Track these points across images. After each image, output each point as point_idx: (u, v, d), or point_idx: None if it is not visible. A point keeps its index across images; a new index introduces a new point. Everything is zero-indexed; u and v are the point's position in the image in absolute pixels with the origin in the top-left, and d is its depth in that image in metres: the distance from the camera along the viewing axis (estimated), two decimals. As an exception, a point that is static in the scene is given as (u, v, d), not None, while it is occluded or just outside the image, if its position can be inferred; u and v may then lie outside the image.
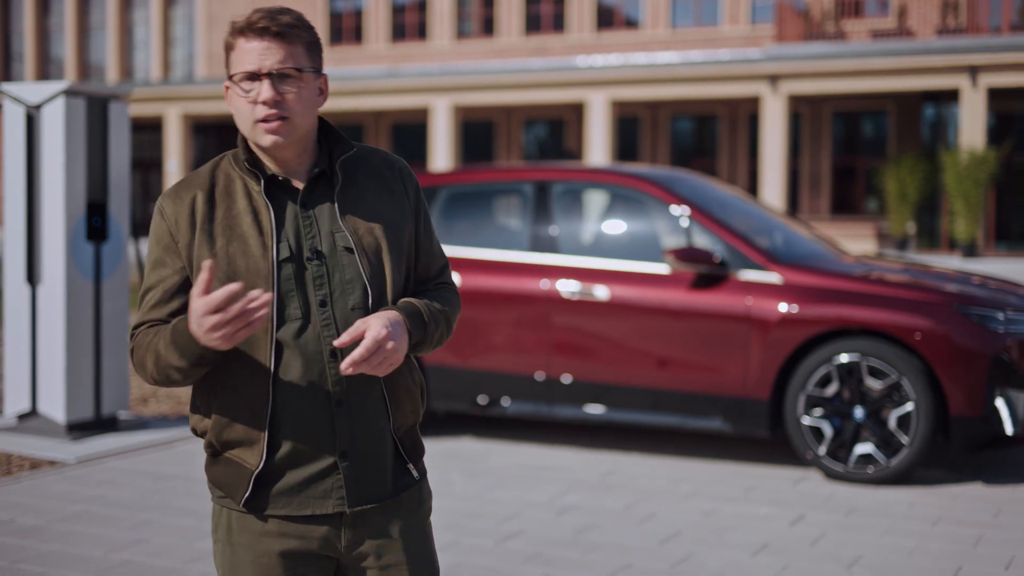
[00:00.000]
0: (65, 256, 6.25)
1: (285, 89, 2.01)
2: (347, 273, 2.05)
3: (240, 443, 2.04)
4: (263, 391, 2.01)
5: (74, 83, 6.30)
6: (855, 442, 5.71)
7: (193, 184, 2.08)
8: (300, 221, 2.05)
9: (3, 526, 4.80)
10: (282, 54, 2.01)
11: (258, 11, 2.03)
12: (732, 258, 6.05)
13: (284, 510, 2.04)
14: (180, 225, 2.04)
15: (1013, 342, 5.67)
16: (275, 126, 2.01)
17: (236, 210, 2.05)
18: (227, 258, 2.01)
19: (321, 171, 2.09)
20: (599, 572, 4.34)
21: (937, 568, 4.41)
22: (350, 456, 2.05)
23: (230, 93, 2.08)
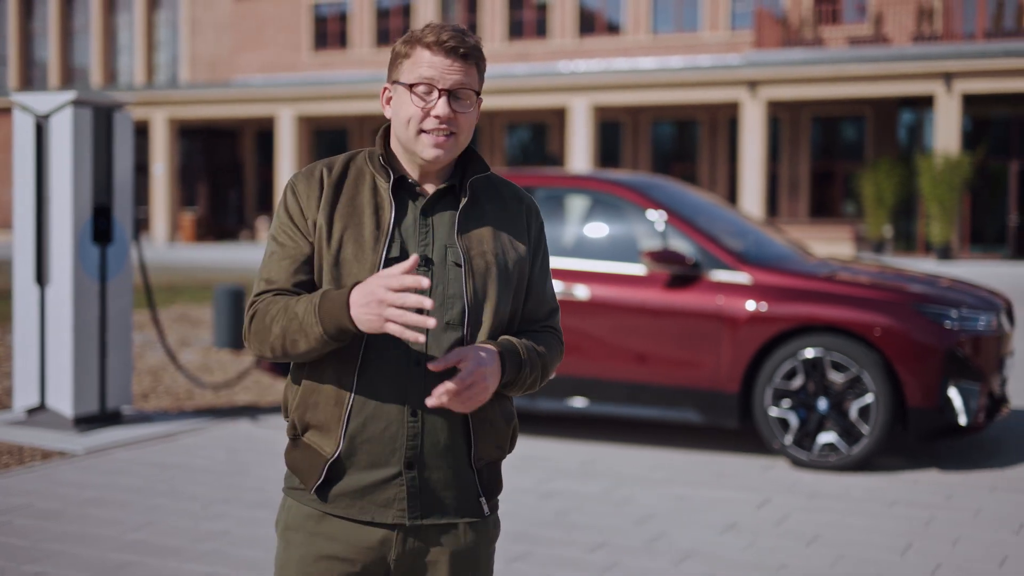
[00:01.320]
0: (72, 257, 6.57)
1: (458, 108, 2.05)
2: (451, 288, 2.04)
3: (319, 427, 2.06)
4: (347, 382, 2.03)
5: (81, 93, 6.63)
6: (819, 432, 6.09)
7: (324, 168, 2.12)
8: (418, 227, 2.07)
9: (22, 510, 5.13)
10: (462, 75, 2.05)
11: (445, 28, 2.06)
12: (704, 259, 6.44)
13: (346, 512, 2.05)
14: (310, 203, 2.08)
15: (966, 338, 6.08)
16: (442, 140, 2.05)
17: (360, 200, 2.08)
18: (339, 243, 2.05)
19: (451, 185, 2.12)
20: (578, 549, 4.70)
21: (889, 545, 4.80)
22: (415, 468, 2.04)
23: (393, 95, 2.09)
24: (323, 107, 33.06)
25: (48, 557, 4.46)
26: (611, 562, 4.54)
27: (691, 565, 4.51)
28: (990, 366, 6.17)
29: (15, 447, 6.31)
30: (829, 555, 4.65)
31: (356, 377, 2.02)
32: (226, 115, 35.03)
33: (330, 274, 2.05)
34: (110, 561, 4.42)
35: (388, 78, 2.13)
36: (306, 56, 37.64)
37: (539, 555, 4.60)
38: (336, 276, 2.04)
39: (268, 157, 37.95)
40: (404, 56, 2.07)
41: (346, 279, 2.03)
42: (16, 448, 6.29)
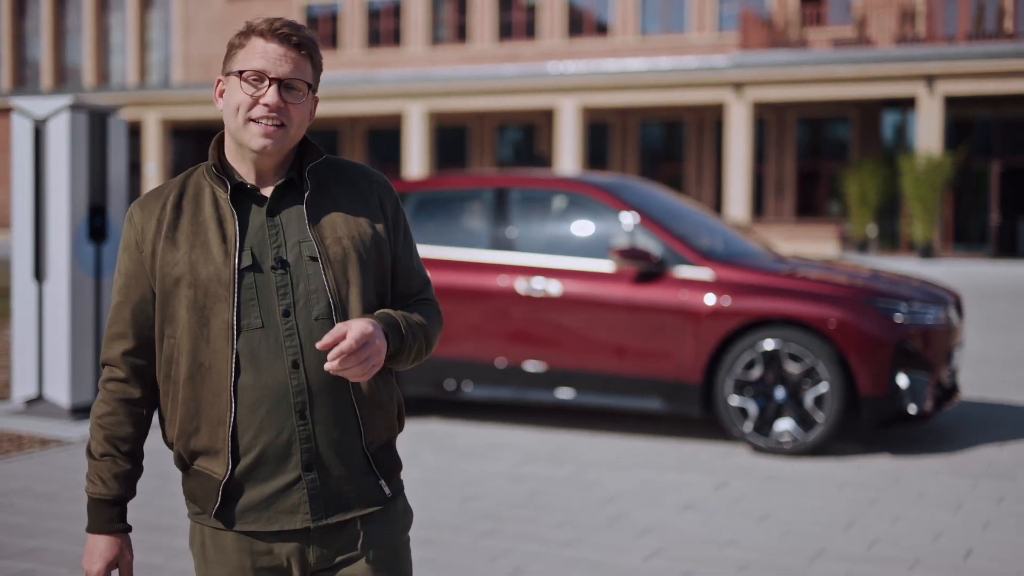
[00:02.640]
0: (69, 255, 6.90)
1: (289, 99, 2.03)
2: (312, 283, 2.03)
3: (206, 452, 2.04)
4: (225, 400, 2.00)
5: (77, 98, 6.95)
6: (776, 419, 6.45)
7: (163, 192, 2.09)
8: (266, 230, 2.04)
9: (22, 492, 5.46)
10: (295, 65, 2.02)
11: (278, 19, 2.05)
12: (669, 256, 6.79)
13: (253, 525, 2.03)
14: (146, 233, 2.06)
15: (915, 331, 6.43)
16: (271, 130, 2.01)
17: (202, 217, 2.04)
18: (190, 264, 2.02)
19: (290, 179, 2.08)
20: (544, 526, 5.05)
21: (833, 522, 5.15)
22: (314, 469, 2.02)
23: (226, 87, 2.06)
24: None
25: (47, 534, 4.79)
26: (574, 538, 4.88)
27: (648, 540, 4.85)
28: (939, 357, 6.53)
29: (14, 435, 6.63)
30: (777, 531, 5.00)
31: (233, 394, 1.99)
32: (218, 115, 35.27)
33: (189, 296, 2.02)
34: (106, 537, 4.75)
35: (222, 71, 2.09)
36: (297, 57, 37.92)
37: (507, 531, 4.95)
38: (193, 297, 2.02)
39: (260, 157, 38.22)
40: (239, 47, 2.04)
41: (204, 299, 2.01)
42: (15, 436, 6.61)
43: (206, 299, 2.00)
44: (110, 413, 2.09)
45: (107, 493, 2.09)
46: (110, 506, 2.11)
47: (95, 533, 2.11)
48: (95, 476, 2.10)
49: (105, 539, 2.11)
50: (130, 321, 2.08)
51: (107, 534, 2.11)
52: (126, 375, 2.09)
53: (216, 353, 2.00)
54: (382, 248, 2.11)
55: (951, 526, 5.09)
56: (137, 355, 2.09)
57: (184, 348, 2.02)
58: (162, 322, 2.05)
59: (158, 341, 2.07)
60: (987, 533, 4.98)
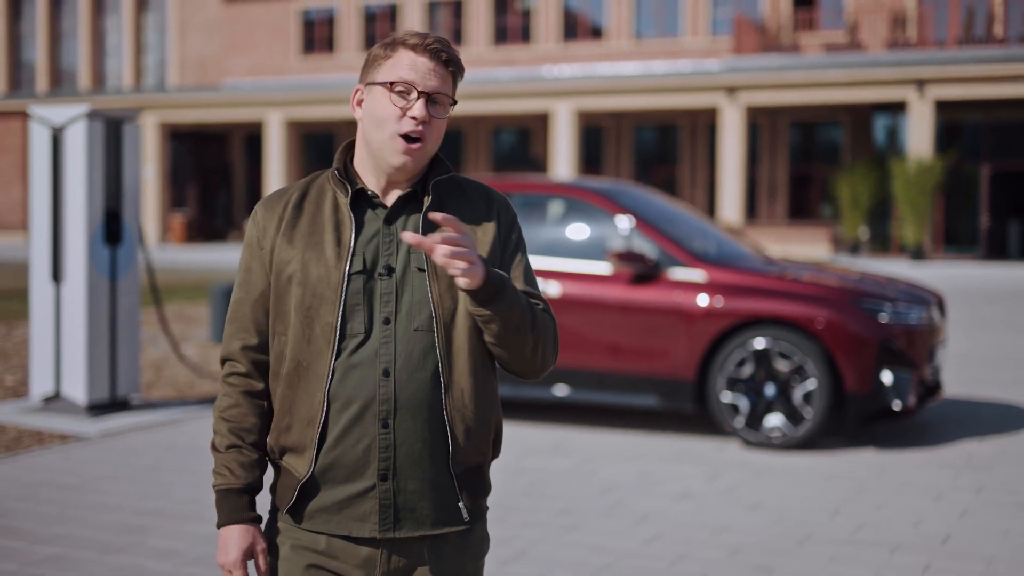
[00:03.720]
0: (86, 257, 7.16)
1: (434, 113, 2.03)
2: (416, 294, 2.02)
3: (293, 450, 2.06)
4: (318, 401, 2.01)
5: (94, 107, 7.21)
6: (767, 415, 6.73)
7: (287, 192, 2.13)
8: (381, 237, 2.05)
9: (46, 484, 5.72)
10: (442, 80, 2.04)
11: (428, 34, 2.06)
12: (664, 259, 7.06)
13: (324, 527, 2.04)
14: (268, 230, 2.09)
15: (899, 330, 6.72)
16: (413, 148, 2.03)
17: (321, 219, 2.07)
18: (302, 264, 2.04)
19: (413, 190, 2.09)
20: (546, 514, 5.32)
21: (821, 510, 5.43)
22: (390, 480, 2.01)
23: (366, 96, 2.07)
24: (311, 111, 33.63)
25: (73, 521, 5.05)
26: (574, 524, 5.16)
27: (645, 526, 5.13)
28: (922, 356, 6.82)
29: (35, 431, 6.89)
30: (768, 518, 5.28)
31: (326, 395, 2.01)
32: (215, 119, 35.56)
33: (298, 295, 2.04)
34: (128, 524, 5.02)
35: (361, 80, 2.10)
36: (294, 60, 38.19)
37: (511, 519, 5.22)
38: (302, 296, 2.04)
39: (256, 160, 38.51)
40: (384, 58, 2.05)
41: (311, 300, 2.03)
42: (36, 432, 6.87)
43: (313, 299, 2.02)
44: (234, 405, 2.11)
45: (236, 482, 2.09)
46: (239, 495, 2.09)
47: (227, 524, 2.09)
48: (223, 468, 2.09)
49: (238, 528, 2.08)
50: (250, 316, 2.11)
51: (239, 523, 2.08)
52: (247, 369, 2.11)
53: (316, 354, 2.01)
54: (490, 262, 2.06)
55: (931, 514, 5.37)
56: (257, 350, 2.11)
57: (289, 346, 2.05)
58: (275, 319, 2.08)
59: (271, 337, 2.09)
60: (965, 520, 5.26)
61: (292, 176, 34.76)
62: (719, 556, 4.71)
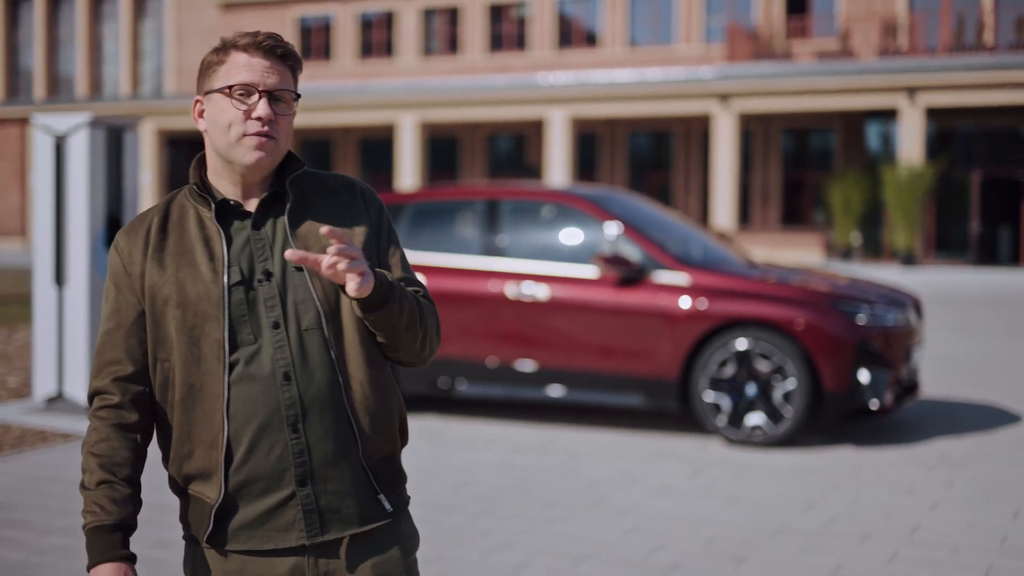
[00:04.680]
0: (88, 261, 7.38)
1: (279, 111, 2.02)
2: (299, 293, 2.00)
3: (199, 476, 2.00)
4: (217, 421, 1.96)
5: (96, 115, 7.43)
6: (748, 413, 6.95)
7: (147, 217, 2.07)
8: (253, 244, 2.02)
9: (51, 479, 5.93)
10: (281, 76, 2.02)
11: (257, 32, 2.04)
12: (649, 263, 7.29)
13: (247, 544, 1.98)
14: (134, 257, 2.04)
15: (876, 331, 6.95)
16: (264, 143, 1.99)
17: (188, 238, 2.03)
18: (177, 285, 2.00)
19: (274, 192, 2.06)
20: (531, 507, 5.54)
21: (796, 504, 5.65)
22: (309, 484, 1.98)
23: (207, 106, 2.04)
24: (308, 118, 33.86)
25: (77, 514, 5.26)
26: (558, 517, 5.37)
27: (625, 519, 5.35)
28: (898, 356, 7.04)
29: (38, 431, 7.10)
30: (744, 512, 5.50)
31: (225, 413, 1.95)
32: (212, 125, 35.76)
33: (177, 317, 1.99)
34: (133, 517, 5.23)
35: (199, 90, 2.06)
36: (291, 67, 38.42)
37: (497, 512, 5.44)
38: (182, 318, 1.99)
39: (253, 166, 38.69)
40: (218, 63, 2.02)
41: (193, 319, 1.98)
42: (39, 431, 7.08)
43: (195, 319, 1.98)
44: (104, 439, 2.01)
45: (107, 519, 1.97)
46: (111, 532, 1.97)
47: (97, 564, 1.96)
48: (92, 505, 1.98)
49: (109, 568, 1.96)
50: (123, 346, 2.03)
51: (110, 562, 1.96)
52: (120, 400, 2.02)
53: (208, 374, 1.97)
54: (368, 255, 2.08)
55: (902, 507, 5.59)
56: (132, 380, 2.03)
57: (177, 370, 1.99)
58: (154, 346, 2.02)
59: (151, 366, 2.03)
60: (934, 512, 5.49)
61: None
62: (695, 547, 4.92)
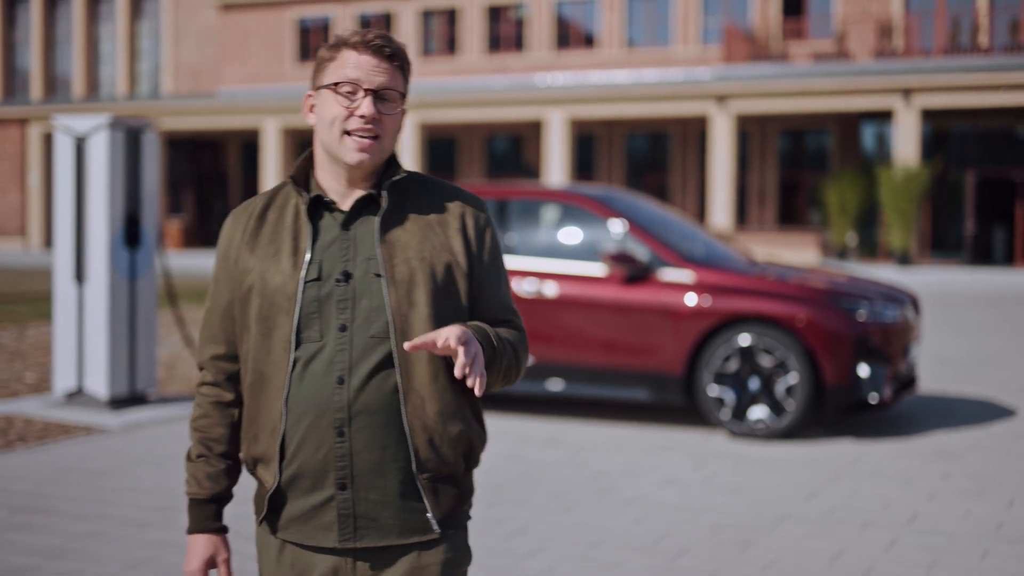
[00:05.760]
0: (107, 259, 7.57)
1: (384, 110, 2.02)
2: (374, 300, 2.00)
3: (261, 460, 2.06)
4: (277, 411, 2.01)
5: (115, 117, 7.63)
6: (751, 407, 7.15)
7: (254, 201, 2.12)
8: (339, 243, 2.03)
9: (76, 470, 6.12)
10: (388, 76, 2.02)
11: (368, 30, 2.05)
12: (654, 261, 7.50)
13: (294, 536, 2.04)
14: (233, 240, 2.10)
15: (875, 327, 7.16)
16: (367, 144, 2.00)
17: (282, 228, 2.06)
18: (260, 274, 2.04)
19: (370, 194, 2.06)
20: (541, 497, 5.74)
21: (797, 494, 5.86)
22: (349, 489, 2.00)
23: (318, 101, 2.06)
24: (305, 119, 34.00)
25: (106, 502, 5.46)
26: (567, 506, 5.58)
27: (634, 508, 5.55)
28: (897, 351, 7.26)
29: (60, 424, 7.29)
30: (748, 501, 5.70)
31: (285, 404, 2.00)
32: (212, 126, 35.95)
33: (257, 306, 2.04)
34: (159, 504, 5.43)
35: (311, 86, 2.09)
36: (290, 68, 38.61)
37: (508, 501, 5.64)
38: (260, 306, 2.04)
39: (253, 167, 38.89)
40: (328, 60, 2.04)
41: (268, 310, 2.03)
42: (61, 425, 7.27)
43: (270, 309, 2.02)
44: (203, 416, 2.13)
45: (201, 492, 2.11)
46: (204, 505, 2.12)
47: (193, 533, 2.13)
48: (191, 478, 2.13)
49: (202, 538, 2.12)
50: (219, 325, 2.12)
51: (203, 533, 2.12)
52: (215, 379, 2.13)
53: (275, 364, 2.01)
54: (456, 274, 2.05)
55: (900, 497, 5.80)
56: (226, 360, 2.12)
57: (250, 356, 2.06)
58: (241, 329, 2.09)
59: (239, 347, 2.10)
60: (931, 502, 5.69)
61: (288, 182, 35.11)
62: (701, 533, 5.13)
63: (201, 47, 40.61)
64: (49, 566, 4.50)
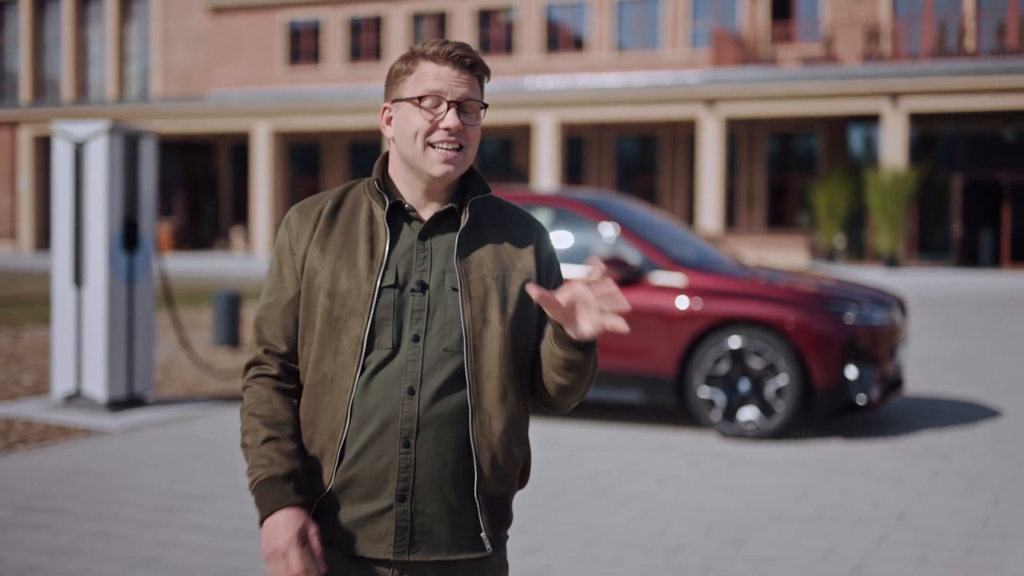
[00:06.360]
0: (106, 263, 7.65)
1: (467, 121, 2.00)
2: (448, 313, 1.98)
3: (316, 461, 2.01)
4: (341, 415, 1.96)
5: (114, 122, 7.71)
6: (741, 408, 7.27)
7: (321, 199, 2.08)
8: (415, 252, 2.00)
9: (80, 471, 6.20)
10: (470, 87, 2.00)
11: (446, 41, 2.01)
12: (646, 264, 7.61)
13: (338, 544, 1.99)
14: (301, 236, 2.05)
15: (863, 330, 7.28)
16: (452, 156, 1.99)
17: (355, 230, 2.03)
18: (332, 273, 2.00)
19: (450, 208, 2.04)
20: (539, 496, 5.84)
21: (789, 493, 5.97)
22: (408, 501, 1.95)
23: (395, 115, 2.04)
24: (298, 121, 34.10)
25: (111, 502, 5.54)
26: (565, 505, 5.68)
27: (629, 507, 5.66)
28: (884, 353, 7.38)
29: (60, 426, 7.37)
30: (740, 500, 5.82)
31: (349, 409, 1.96)
32: (203, 129, 35.97)
33: (325, 305, 2.00)
34: (163, 505, 5.51)
35: (387, 98, 2.07)
36: (280, 71, 38.65)
37: (508, 500, 5.74)
38: (329, 307, 2.00)
39: (243, 169, 38.93)
40: (406, 72, 2.02)
41: (339, 311, 1.99)
42: (61, 427, 7.35)
43: (342, 311, 1.98)
44: (266, 401, 2.04)
45: (279, 469, 1.97)
46: (284, 481, 1.97)
47: (272, 511, 1.95)
48: (260, 459, 1.98)
49: (284, 513, 1.95)
50: (279, 323, 2.06)
51: (286, 508, 1.95)
52: (277, 372, 2.06)
53: (342, 367, 1.97)
54: (524, 299, 2.04)
55: (890, 495, 5.92)
56: (286, 357, 2.07)
57: (313, 356, 2.01)
58: (303, 327, 2.04)
59: (300, 347, 2.05)
60: (920, 500, 5.82)
61: (278, 185, 35.18)
62: (696, 531, 5.24)
63: (191, 50, 40.62)
64: (55, 564, 4.58)
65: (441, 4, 36.59)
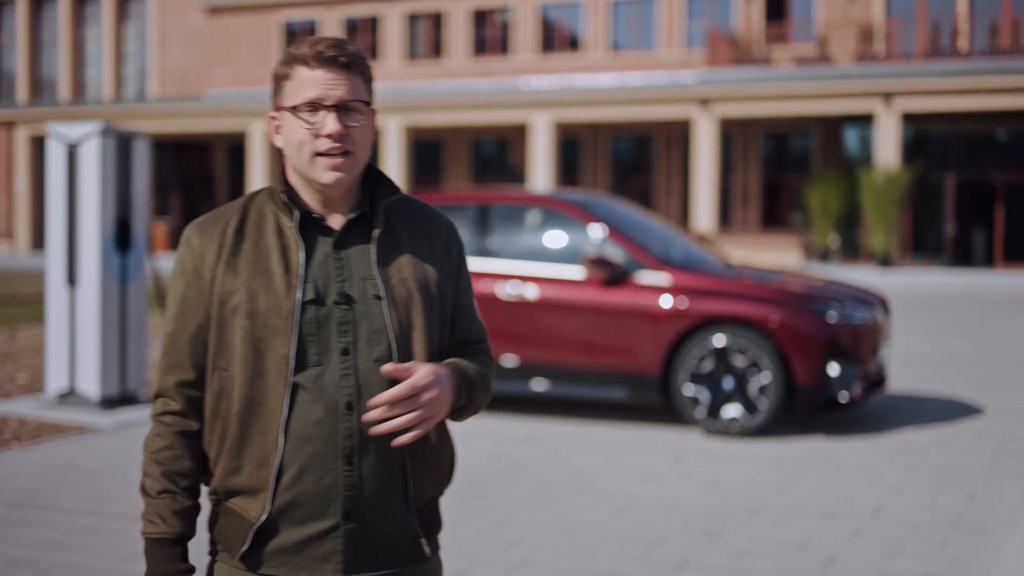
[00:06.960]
0: (99, 263, 7.75)
1: (350, 123, 1.93)
2: (375, 323, 1.93)
3: (244, 492, 1.93)
4: (272, 439, 1.89)
5: (107, 124, 7.82)
6: (725, 406, 7.39)
7: (224, 216, 1.99)
8: (331, 263, 1.95)
9: (73, 468, 6.31)
10: (348, 86, 1.92)
11: (321, 40, 1.94)
12: (631, 264, 7.72)
13: (280, 569, 1.92)
14: (206, 258, 1.95)
15: (846, 329, 7.40)
16: (339, 162, 1.92)
17: (264, 245, 1.95)
18: (249, 293, 1.91)
19: (361, 213, 1.99)
20: (522, 491, 5.95)
21: (769, 488, 6.09)
22: (354, 519, 1.91)
23: (281, 125, 1.97)
24: (293, 121, 34.15)
25: (102, 498, 5.65)
26: (546, 499, 5.79)
27: (611, 502, 5.77)
28: (866, 352, 7.50)
29: (53, 424, 7.48)
30: (720, 495, 5.93)
31: (282, 433, 1.89)
32: (199, 129, 36.08)
33: (245, 327, 1.91)
34: (153, 501, 5.62)
35: (273, 106, 1.99)
36: (276, 71, 38.73)
37: (490, 495, 5.85)
38: (250, 328, 1.91)
39: (239, 169, 39.02)
40: (284, 78, 1.94)
41: (261, 331, 1.91)
42: (54, 425, 7.46)
43: (263, 331, 1.90)
44: (167, 447, 1.96)
45: (168, 531, 1.94)
46: (172, 545, 1.95)
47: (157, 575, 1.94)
48: (153, 515, 1.95)
49: None
50: (187, 351, 1.97)
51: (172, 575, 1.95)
52: (182, 407, 1.98)
53: (269, 389, 1.90)
54: (445, 293, 2.04)
55: (867, 490, 6.04)
56: (194, 387, 1.98)
57: (237, 382, 1.92)
58: (215, 352, 1.94)
59: (209, 373, 1.96)
60: (896, 495, 5.93)
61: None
62: (674, 525, 5.35)
63: (187, 50, 40.72)
64: (47, 558, 4.69)
65: (437, 4, 36.70)
